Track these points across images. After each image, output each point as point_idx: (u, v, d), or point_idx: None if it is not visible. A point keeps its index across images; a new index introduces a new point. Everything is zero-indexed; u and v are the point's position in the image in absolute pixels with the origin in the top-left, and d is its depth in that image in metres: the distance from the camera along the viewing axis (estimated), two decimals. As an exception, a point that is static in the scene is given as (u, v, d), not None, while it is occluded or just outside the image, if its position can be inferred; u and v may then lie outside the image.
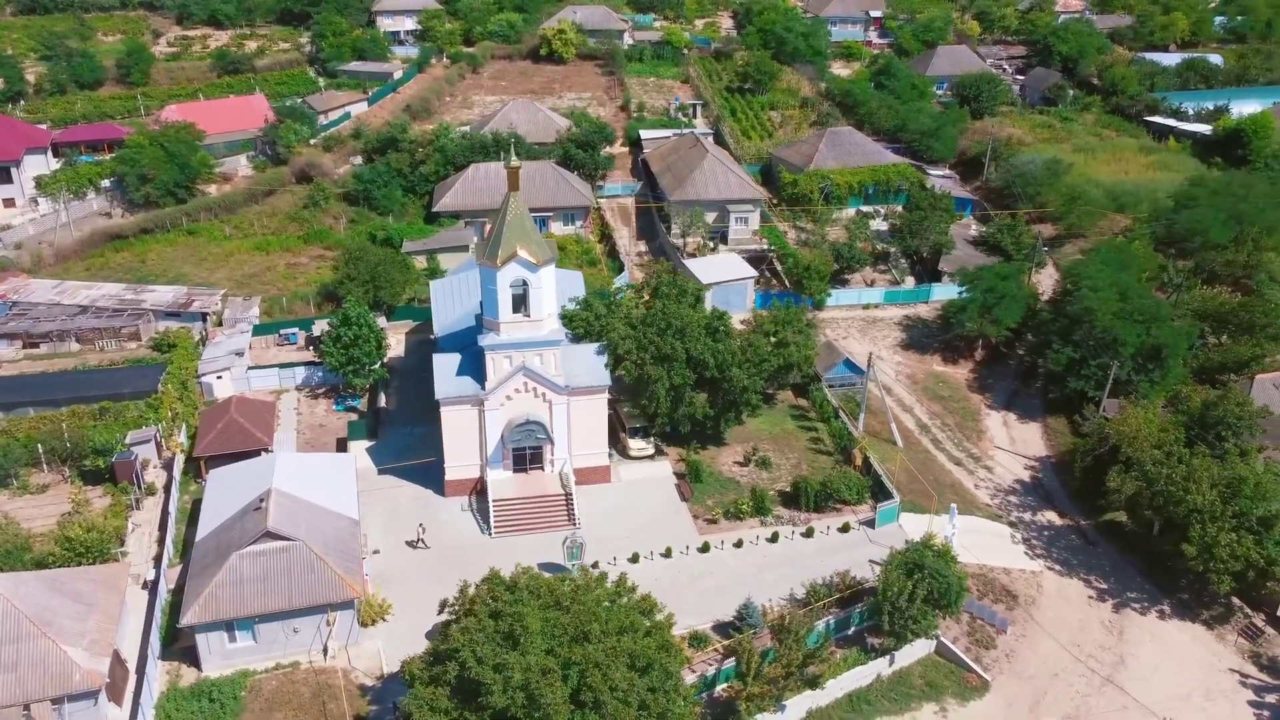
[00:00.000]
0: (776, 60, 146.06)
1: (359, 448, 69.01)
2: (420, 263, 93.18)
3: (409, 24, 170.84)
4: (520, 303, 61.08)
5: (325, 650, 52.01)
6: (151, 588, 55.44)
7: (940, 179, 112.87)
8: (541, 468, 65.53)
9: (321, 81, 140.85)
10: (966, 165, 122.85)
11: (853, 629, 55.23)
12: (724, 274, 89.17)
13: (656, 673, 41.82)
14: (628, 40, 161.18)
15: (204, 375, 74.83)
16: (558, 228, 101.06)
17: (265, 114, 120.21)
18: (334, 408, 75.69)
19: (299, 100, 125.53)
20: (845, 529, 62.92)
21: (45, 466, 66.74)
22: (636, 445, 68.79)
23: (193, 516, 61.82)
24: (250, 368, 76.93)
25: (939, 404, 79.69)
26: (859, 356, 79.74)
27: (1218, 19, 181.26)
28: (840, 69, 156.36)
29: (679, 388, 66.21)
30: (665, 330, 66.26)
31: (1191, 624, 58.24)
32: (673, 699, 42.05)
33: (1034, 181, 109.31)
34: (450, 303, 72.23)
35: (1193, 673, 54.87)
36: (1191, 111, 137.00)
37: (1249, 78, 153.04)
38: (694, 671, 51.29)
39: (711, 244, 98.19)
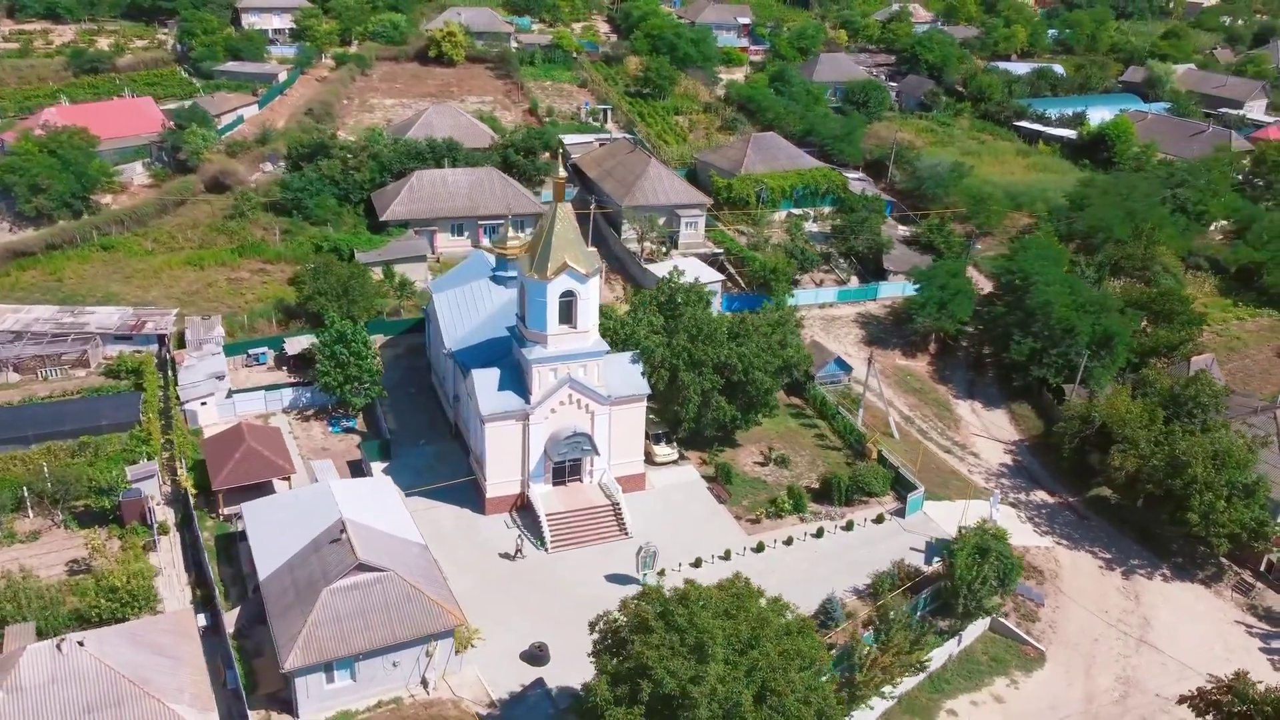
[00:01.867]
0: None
1: (379, 470, 66.26)
2: (376, 274, 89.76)
3: (277, 22, 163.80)
4: (567, 314, 60.59)
5: (424, 682, 50.14)
6: (209, 633, 51.64)
7: (855, 181, 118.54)
8: (580, 479, 65.20)
9: (199, 84, 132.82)
10: (868, 168, 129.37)
11: (919, 614, 58.15)
12: (690, 278, 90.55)
13: (815, 670, 43.16)
14: (513, 43, 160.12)
15: (187, 402, 69.69)
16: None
17: (157, 118, 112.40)
18: (329, 430, 72.24)
19: (191, 103, 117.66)
20: (880, 520, 66.03)
21: (30, 511, 60.55)
22: (662, 451, 69.52)
23: (226, 554, 57.95)
24: (233, 391, 72.26)
25: (914, 396, 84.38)
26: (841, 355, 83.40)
27: (1050, 31, 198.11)
28: (723, 74, 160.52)
29: (707, 392, 67.42)
30: (696, 336, 67.32)
31: (1191, 584, 64.80)
32: (828, 693, 43.49)
33: (942, 183, 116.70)
34: (459, 315, 70.38)
35: (1207, 628, 61.16)
36: (1054, 117, 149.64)
37: (1090, 85, 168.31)
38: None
39: (664, 249, 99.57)
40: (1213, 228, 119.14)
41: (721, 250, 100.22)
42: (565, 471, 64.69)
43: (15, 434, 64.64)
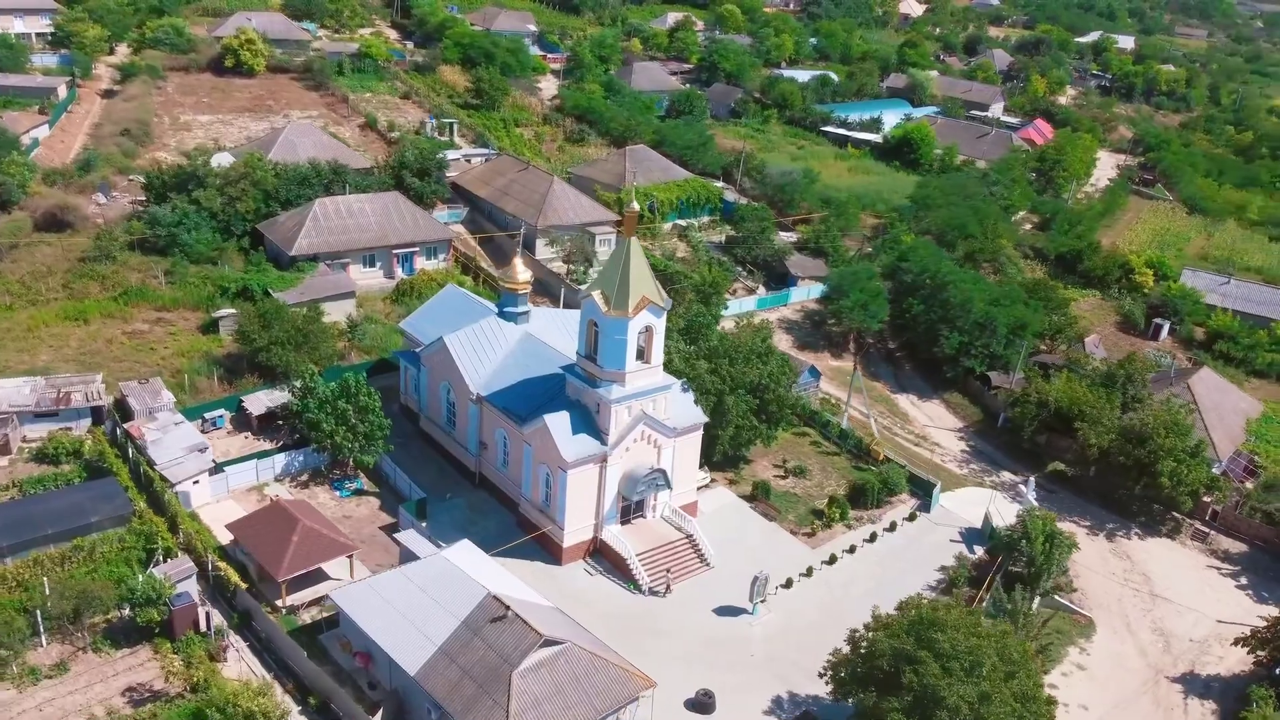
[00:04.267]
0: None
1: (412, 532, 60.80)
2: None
3: (19, 25, 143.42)
4: (642, 350, 59.19)
5: (616, 751, 47.64)
6: (358, 744, 45.91)
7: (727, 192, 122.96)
8: (644, 515, 63.87)
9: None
10: (711, 176, 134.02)
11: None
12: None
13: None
14: (310, 50, 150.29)
15: (178, 483, 60.34)
16: (423, 264, 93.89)
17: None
18: (338, 495, 65.43)
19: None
20: (912, 518, 70.15)
21: (43, 638, 50.31)
22: (699, 475, 69.45)
23: (310, 651, 51.35)
24: (223, 463, 63.50)
25: (861, 395, 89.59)
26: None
27: (811, 40, 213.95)
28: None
29: (744, 414, 68.32)
30: (735, 359, 67.91)
31: (1159, 539, 74.44)
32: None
33: (796, 189, 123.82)
34: (477, 357, 66.16)
35: (1190, 575, 70.68)
36: (856, 121, 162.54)
37: (865, 91, 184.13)
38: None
39: (584, 269, 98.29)
40: (1014, 219, 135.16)
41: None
42: (630, 509, 63.14)
43: (-16, 548, 53.15)
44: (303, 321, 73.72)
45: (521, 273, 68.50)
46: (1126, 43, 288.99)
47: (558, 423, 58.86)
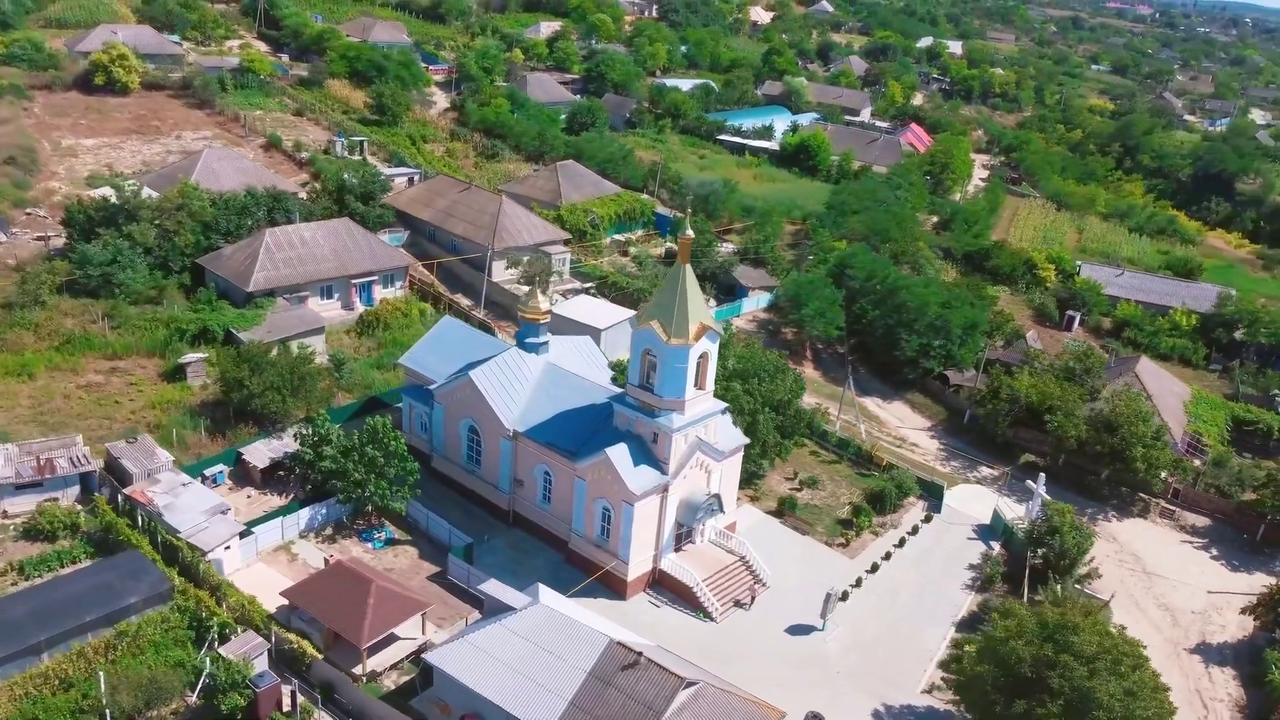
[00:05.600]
0: (369, 86, 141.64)
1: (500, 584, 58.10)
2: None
3: None
4: (699, 376, 58.88)
5: (751, 787, 47.24)
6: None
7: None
8: (693, 541, 63.51)
9: None
10: (627, 188, 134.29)
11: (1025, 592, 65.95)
12: (609, 316, 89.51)
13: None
14: (185, 65, 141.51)
15: (210, 551, 55.44)
16: (380, 292, 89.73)
17: None
18: (370, 546, 61.76)
19: None
20: (928, 519, 72.75)
21: (110, 739, 45.33)
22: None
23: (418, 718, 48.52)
24: (250, 524, 58.79)
25: (832, 402, 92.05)
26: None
27: (681, 48, 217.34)
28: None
29: (770, 430, 69.02)
30: (762, 378, 68.41)
31: (1133, 520, 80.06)
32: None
33: (718, 199, 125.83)
34: (506, 392, 63.85)
35: (1170, 550, 76.39)
36: (750, 129, 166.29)
37: (748, 99, 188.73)
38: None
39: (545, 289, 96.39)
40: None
41: (593, 284, 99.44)
42: (682, 536, 62.66)
43: (20, 644, 47.21)
44: (296, 363, 69.08)
45: (542, 303, 66.60)
46: (955, 47, 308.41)
47: (620, 456, 57.69)
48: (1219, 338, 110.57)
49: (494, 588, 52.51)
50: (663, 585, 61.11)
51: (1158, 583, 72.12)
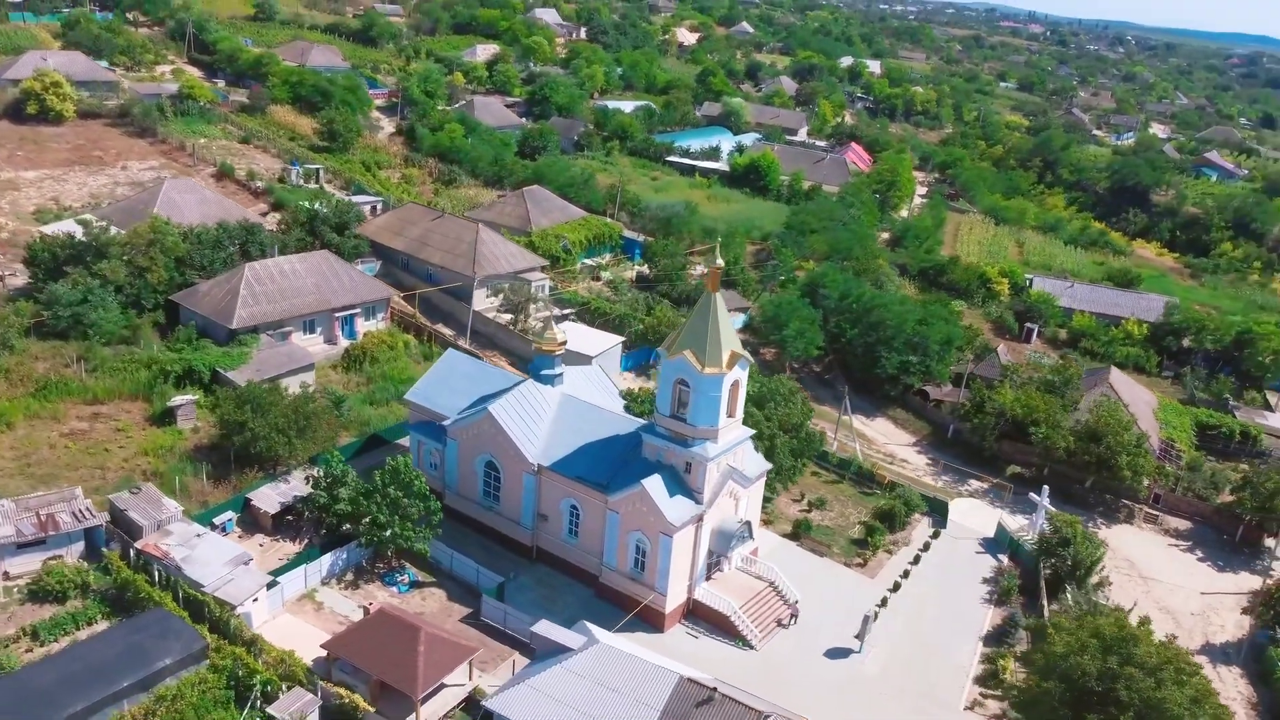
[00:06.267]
0: (314, 112, 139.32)
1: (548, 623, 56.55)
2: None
3: None
4: (730, 404, 58.89)
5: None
6: None
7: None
8: (721, 569, 63.30)
9: None
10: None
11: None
12: (598, 343, 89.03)
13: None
14: (120, 93, 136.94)
15: (239, 605, 53.05)
16: (363, 325, 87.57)
17: None
18: (396, 590, 59.90)
19: None
20: (936, 535, 73.95)
21: (165, 813, 42.91)
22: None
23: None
24: (276, 573, 56.48)
25: (821, 421, 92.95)
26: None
27: (618, 70, 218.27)
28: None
29: (787, 454, 69.41)
30: (778, 403, 68.73)
31: (1120, 525, 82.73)
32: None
33: (681, 222, 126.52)
34: (527, 426, 62.79)
35: (1159, 553, 79.05)
36: (698, 150, 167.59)
37: (689, 120, 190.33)
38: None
39: (525, 316, 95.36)
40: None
41: (572, 310, 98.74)
42: (711, 565, 62.42)
43: (54, 717, 44.34)
44: (300, 403, 66.82)
45: (559, 334, 65.80)
46: (875, 67, 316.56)
47: (656, 487, 57.23)
48: (1169, 346, 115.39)
49: (545, 628, 51.46)
50: (698, 615, 60.73)
51: (1154, 586, 74.53)
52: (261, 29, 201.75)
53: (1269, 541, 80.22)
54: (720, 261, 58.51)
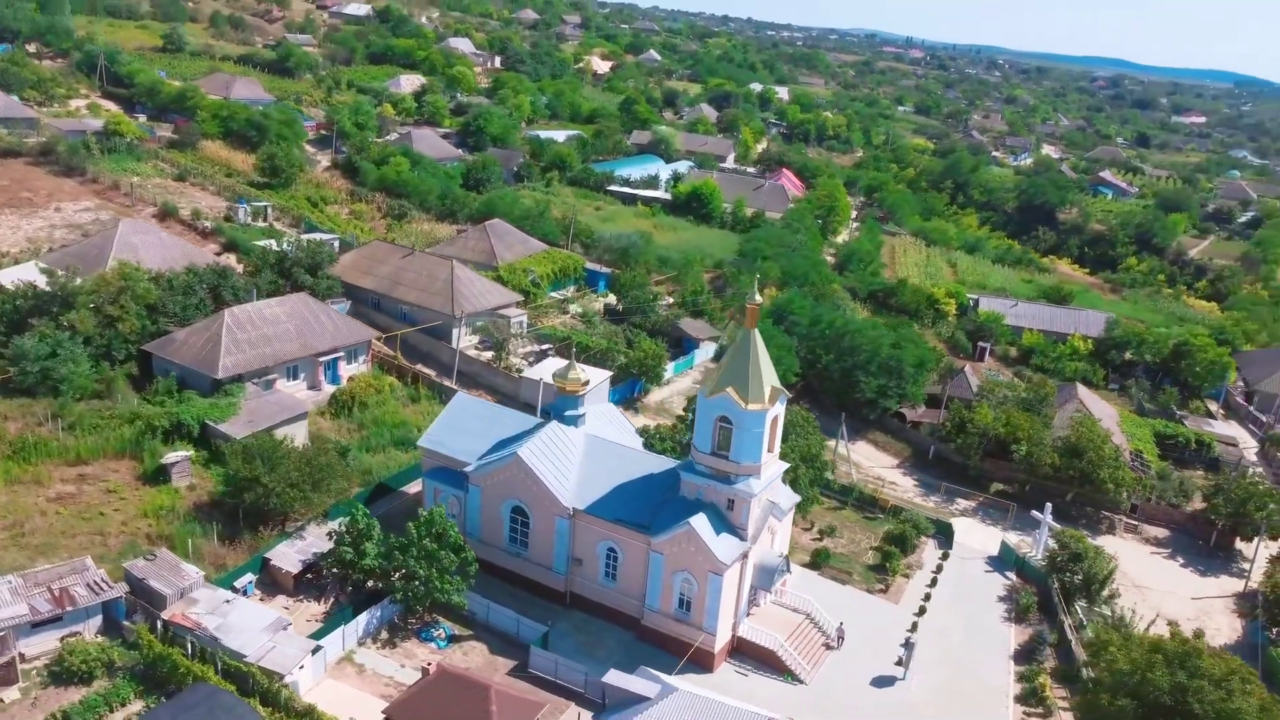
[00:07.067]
0: (248, 147, 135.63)
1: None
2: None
3: None
4: (771, 439, 59.02)
5: None
6: None
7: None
8: (757, 603, 63.14)
9: None
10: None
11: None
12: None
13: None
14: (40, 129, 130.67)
15: (289, 675, 50.36)
16: (345, 369, 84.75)
17: None
18: (434, 646, 57.82)
19: None
20: (945, 556, 75.36)
21: None
22: (764, 552, 69.72)
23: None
24: (316, 636, 53.85)
25: (846, 451, 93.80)
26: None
27: (543, 99, 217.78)
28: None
29: (809, 485, 69.89)
30: (799, 434, 69.10)
31: (1103, 536, 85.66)
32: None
33: (637, 252, 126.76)
34: (558, 470, 61.55)
35: (1144, 563, 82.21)
36: (638, 179, 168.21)
37: (621, 149, 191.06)
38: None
39: (506, 352, 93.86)
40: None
41: (551, 346, 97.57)
42: (749, 600, 62.23)
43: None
44: (313, 455, 64.14)
45: (582, 374, 64.92)
46: (783, 93, 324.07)
47: (703, 526, 56.83)
48: (1113, 360, 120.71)
49: (617, 678, 50.43)
50: (742, 652, 60.39)
51: (1148, 594, 77.43)
52: (173, 60, 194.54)
53: (1240, 545, 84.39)
54: (758, 298, 58.63)
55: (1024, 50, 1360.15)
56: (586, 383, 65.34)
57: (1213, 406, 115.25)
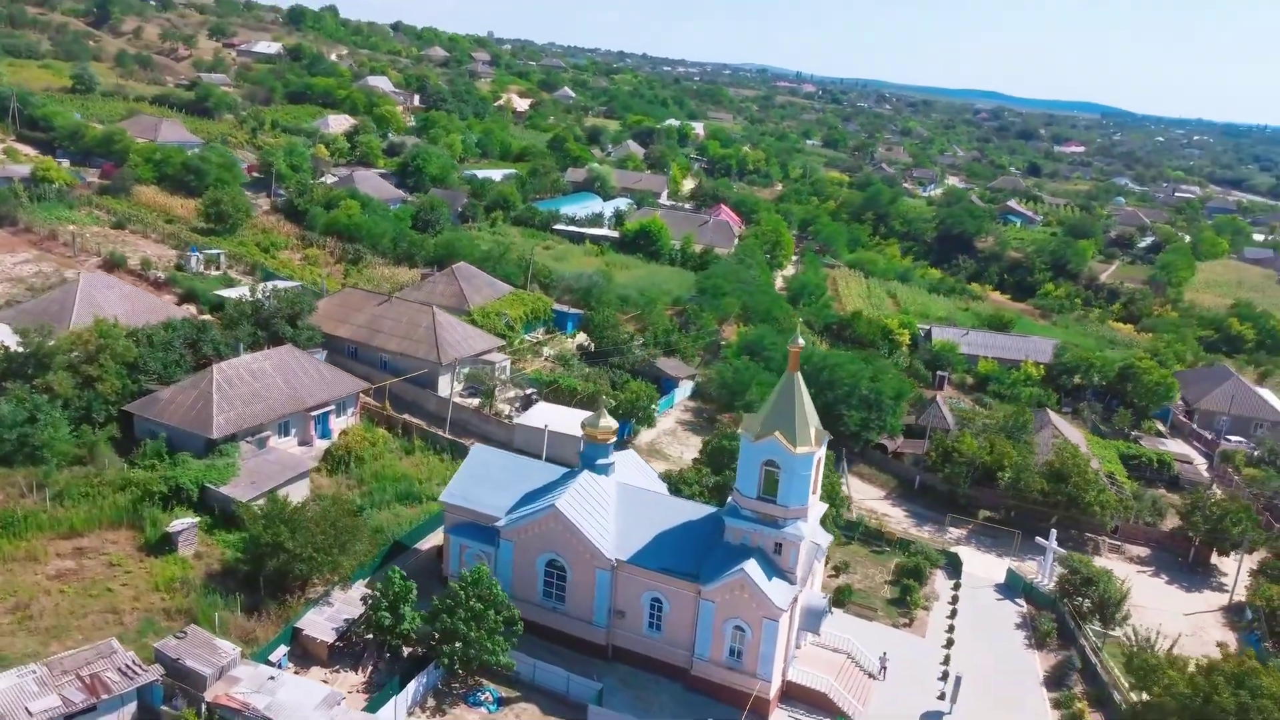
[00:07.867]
0: (185, 192, 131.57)
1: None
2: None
3: None
4: (815, 480, 59.18)
5: None
6: None
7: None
8: (799, 645, 62.93)
9: None
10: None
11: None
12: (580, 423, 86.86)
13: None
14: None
15: (351, 752, 47.85)
16: (336, 422, 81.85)
17: None
18: (485, 710, 55.80)
19: None
20: (958, 586, 76.53)
21: None
22: (787, 591, 69.61)
23: None
24: (370, 709, 51.33)
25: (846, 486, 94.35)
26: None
27: (473, 138, 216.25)
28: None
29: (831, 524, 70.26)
30: (825, 473, 69.38)
31: (1089, 557, 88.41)
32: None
33: (599, 290, 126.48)
34: (596, 521, 60.41)
35: (1131, 580, 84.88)
36: (583, 217, 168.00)
37: (559, 187, 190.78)
38: None
39: (493, 400, 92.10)
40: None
41: (535, 390, 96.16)
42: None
43: None
44: (337, 516, 61.50)
45: (611, 421, 64.05)
46: (698, 128, 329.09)
47: (757, 572, 56.46)
48: (1064, 384, 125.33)
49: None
50: (792, 697, 59.99)
51: (1144, 613, 79.97)
52: (85, 101, 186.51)
53: (1216, 559, 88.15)
54: (800, 341, 58.98)
55: (906, 84, 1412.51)
56: (614, 430, 64.47)
57: (1161, 427, 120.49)
